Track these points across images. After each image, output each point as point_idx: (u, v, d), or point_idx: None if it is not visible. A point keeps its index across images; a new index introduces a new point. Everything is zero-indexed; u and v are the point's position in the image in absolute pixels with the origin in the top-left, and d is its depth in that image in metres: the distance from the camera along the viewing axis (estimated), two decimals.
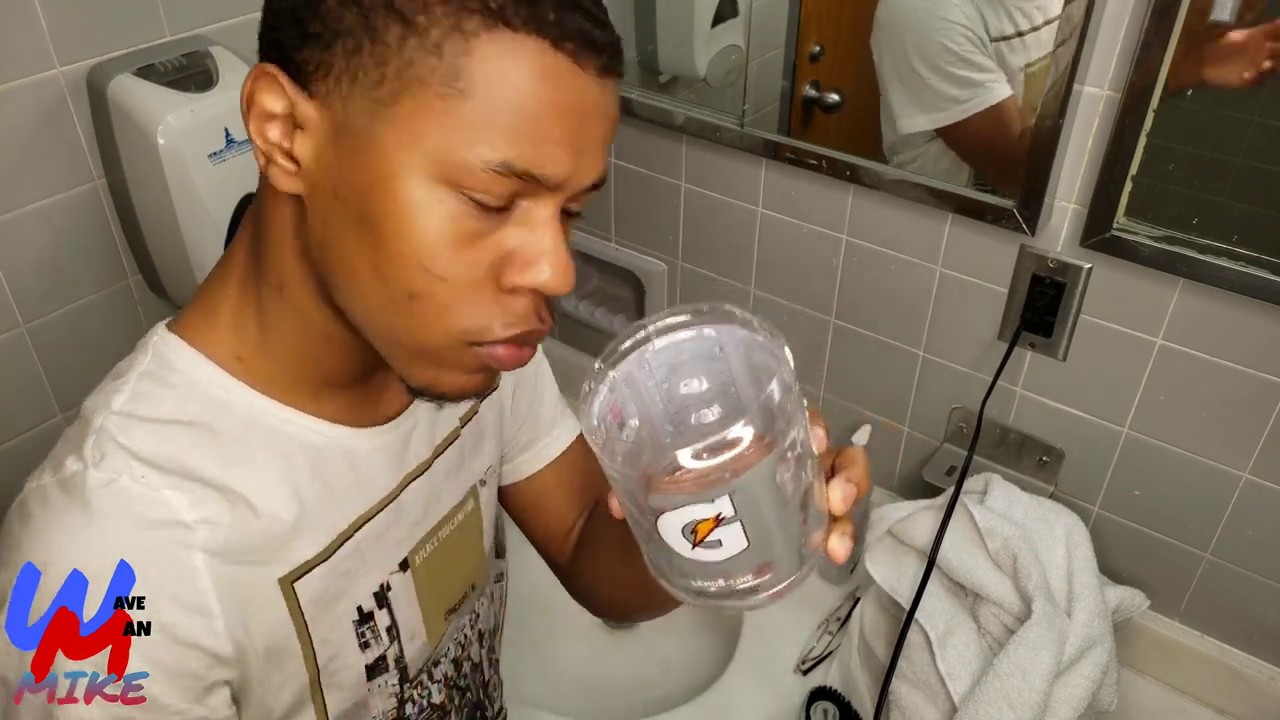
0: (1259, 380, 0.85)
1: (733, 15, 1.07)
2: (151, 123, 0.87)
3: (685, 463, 0.36)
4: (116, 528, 0.49)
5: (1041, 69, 0.91)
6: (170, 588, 0.50)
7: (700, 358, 0.41)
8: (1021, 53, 0.92)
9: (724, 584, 0.40)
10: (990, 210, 0.90)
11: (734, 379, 0.41)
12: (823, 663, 1.06)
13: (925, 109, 0.96)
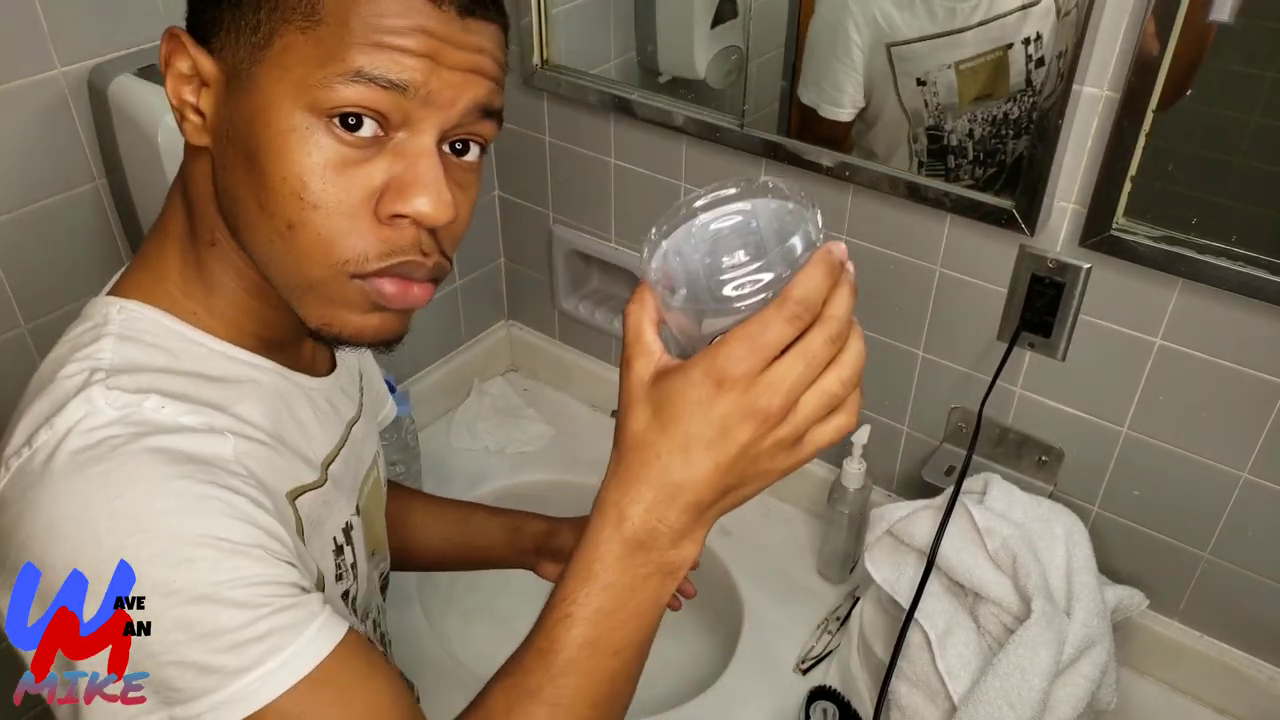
0: (1258, 380, 0.85)
1: (732, 16, 1.07)
2: (152, 123, 0.87)
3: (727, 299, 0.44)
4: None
5: (980, 65, 0.94)
6: (236, 487, 0.50)
7: (737, 230, 0.47)
8: (947, 51, 0.95)
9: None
10: (990, 210, 0.90)
11: (765, 246, 0.47)
12: (822, 662, 1.06)
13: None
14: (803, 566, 1.18)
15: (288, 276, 0.52)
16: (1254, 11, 0.74)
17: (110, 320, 0.54)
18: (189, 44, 0.50)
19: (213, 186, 0.53)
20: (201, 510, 0.47)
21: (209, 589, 0.46)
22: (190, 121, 0.52)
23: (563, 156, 1.23)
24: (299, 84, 0.48)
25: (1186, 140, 0.81)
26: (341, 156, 0.49)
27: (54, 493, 0.47)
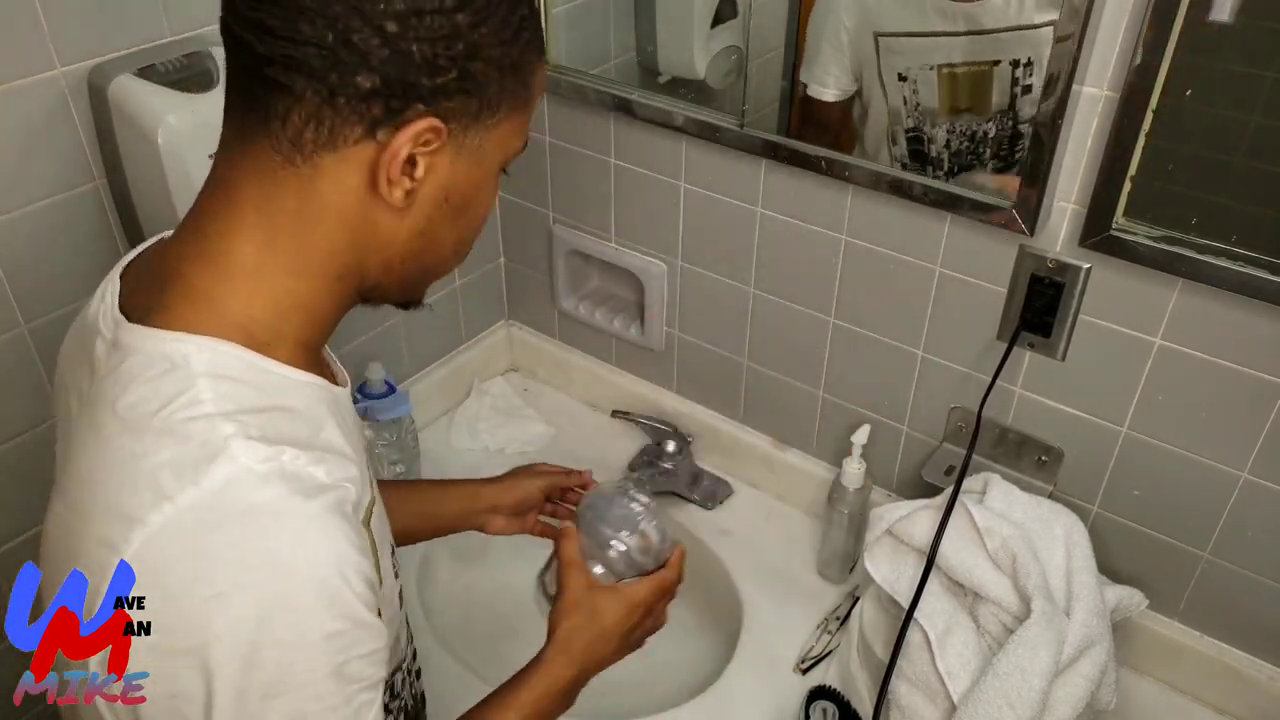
0: (1258, 380, 0.85)
1: (732, 16, 1.07)
2: (152, 123, 0.87)
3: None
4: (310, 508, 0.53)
5: (963, 74, 0.94)
6: (364, 549, 0.55)
7: (629, 522, 0.85)
8: (934, 52, 0.95)
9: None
10: (989, 210, 0.91)
11: (647, 535, 0.85)
12: (822, 662, 1.06)
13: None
14: (802, 566, 1.18)
15: (432, 278, 0.67)
16: (1254, 11, 0.74)
17: (190, 359, 0.54)
18: (443, 133, 0.56)
19: (360, 231, 0.58)
20: (350, 577, 0.52)
21: (343, 661, 0.52)
22: (399, 186, 0.56)
23: (563, 156, 1.23)
24: (507, 153, 0.62)
25: (1186, 140, 0.81)
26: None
27: (221, 560, 0.50)
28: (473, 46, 0.55)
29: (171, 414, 0.52)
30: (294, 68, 0.52)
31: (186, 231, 0.59)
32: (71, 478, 0.55)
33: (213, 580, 0.49)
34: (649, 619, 0.84)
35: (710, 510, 1.25)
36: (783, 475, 1.26)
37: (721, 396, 1.28)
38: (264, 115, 0.54)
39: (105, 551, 0.50)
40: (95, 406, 0.55)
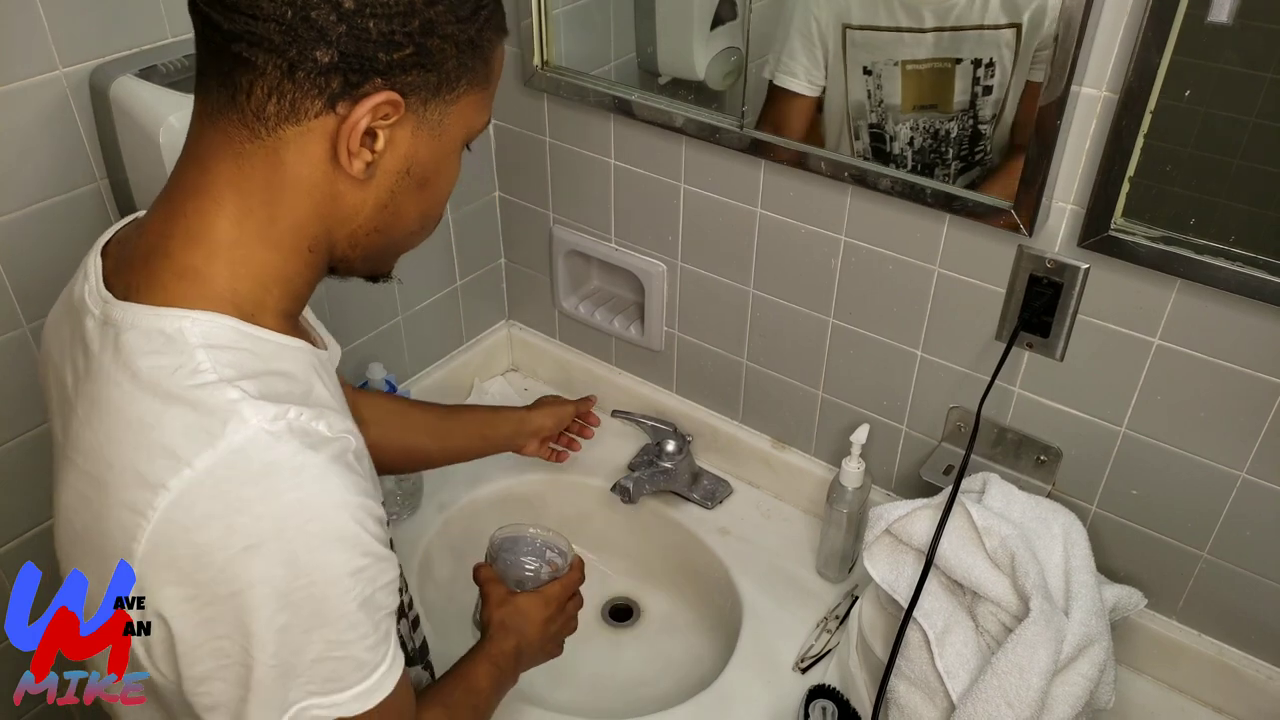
0: (1256, 380, 0.86)
1: (732, 18, 1.07)
2: (154, 123, 0.87)
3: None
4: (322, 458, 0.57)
5: (926, 71, 0.95)
6: (369, 491, 0.59)
7: (527, 546, 0.98)
8: (898, 48, 0.95)
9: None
10: (988, 210, 0.91)
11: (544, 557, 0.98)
12: (821, 661, 1.06)
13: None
14: (802, 565, 1.18)
15: (403, 251, 0.69)
16: (1252, 13, 0.74)
17: (185, 331, 0.57)
18: (400, 106, 0.58)
19: (326, 203, 0.60)
20: (364, 519, 0.57)
21: (370, 593, 0.58)
22: (359, 160, 0.59)
23: (563, 157, 1.23)
24: (469, 129, 0.64)
25: (1185, 141, 0.81)
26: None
27: (251, 515, 0.54)
28: (428, 23, 0.57)
29: (177, 384, 0.55)
30: (256, 43, 0.54)
31: (164, 209, 0.61)
32: (81, 453, 0.57)
33: (244, 535, 0.53)
34: (562, 615, 0.94)
35: (710, 510, 1.25)
36: (782, 475, 1.26)
37: (721, 396, 1.28)
38: (231, 91, 0.57)
39: (133, 516, 0.54)
40: (96, 382, 0.57)
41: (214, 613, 0.54)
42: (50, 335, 0.67)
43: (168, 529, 0.53)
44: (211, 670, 0.56)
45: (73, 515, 0.58)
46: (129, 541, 0.54)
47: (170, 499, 0.53)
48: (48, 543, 1.01)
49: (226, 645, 0.55)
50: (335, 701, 0.58)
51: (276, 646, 0.55)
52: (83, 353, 0.60)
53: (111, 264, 0.62)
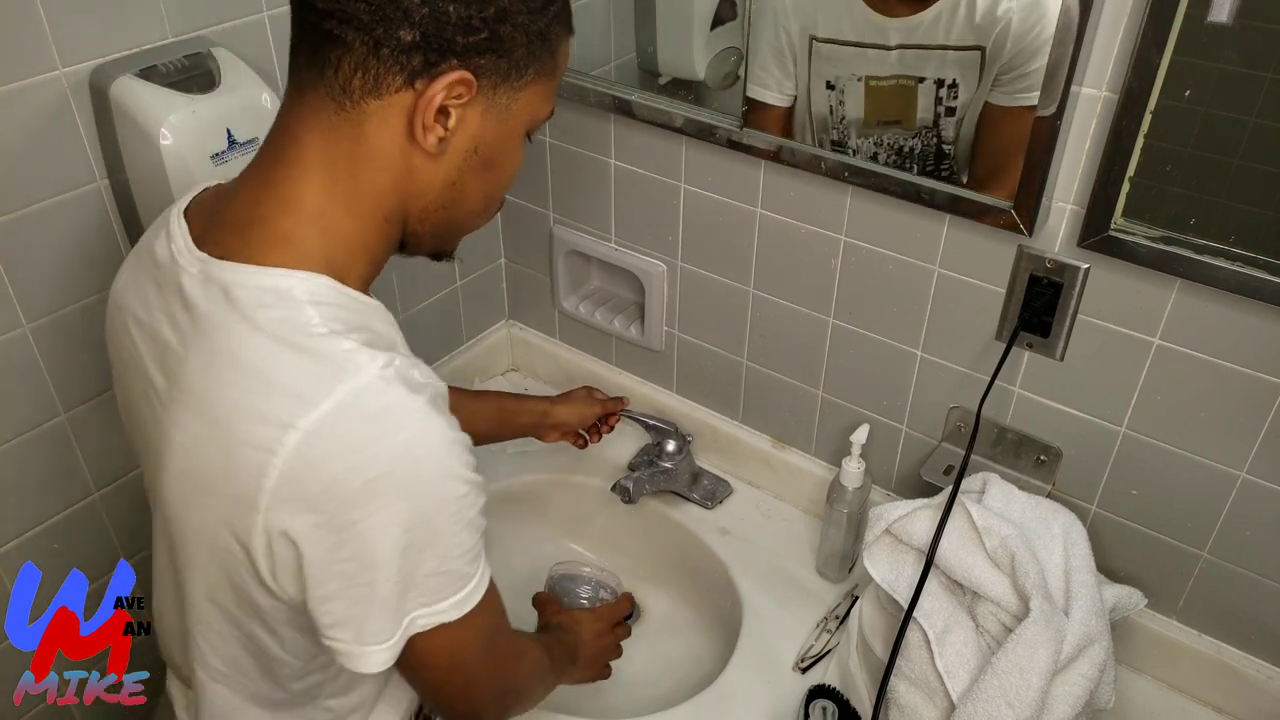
0: (1256, 380, 0.86)
1: (732, 18, 1.07)
2: (154, 124, 0.87)
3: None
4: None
5: (889, 88, 0.96)
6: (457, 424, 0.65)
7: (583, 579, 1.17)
8: (861, 63, 0.96)
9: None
10: (988, 211, 0.91)
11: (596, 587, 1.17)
12: (821, 661, 1.06)
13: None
14: (802, 565, 1.18)
15: (467, 231, 0.75)
16: (1252, 13, 0.74)
17: (294, 289, 0.62)
18: (473, 86, 0.64)
19: (403, 177, 0.66)
20: (462, 453, 0.64)
21: (471, 515, 0.65)
22: (432, 135, 0.64)
23: (563, 157, 1.23)
24: (532, 117, 0.69)
25: (1185, 141, 0.81)
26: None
27: (372, 450, 0.60)
28: (502, 11, 0.63)
29: (295, 335, 0.61)
30: (346, 21, 0.60)
31: (255, 177, 0.67)
32: (197, 398, 0.62)
33: (367, 469, 0.59)
34: (611, 634, 1.04)
35: (710, 510, 1.25)
36: (782, 475, 1.26)
37: (721, 396, 1.28)
38: (320, 66, 0.62)
39: (261, 454, 0.59)
40: (211, 333, 0.62)
41: (340, 539, 0.60)
42: (129, 294, 0.71)
43: (297, 465, 0.59)
44: (335, 590, 0.62)
45: (193, 456, 0.63)
46: (258, 477, 0.59)
47: (298, 437, 0.58)
48: (48, 543, 1.02)
49: (350, 568, 0.61)
50: (437, 610, 0.65)
51: (397, 566, 0.61)
52: (182, 306, 0.65)
53: (198, 227, 0.67)
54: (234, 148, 0.92)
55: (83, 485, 1.03)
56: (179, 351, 0.65)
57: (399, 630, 0.64)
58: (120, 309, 0.72)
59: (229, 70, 0.93)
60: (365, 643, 0.64)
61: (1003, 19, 0.87)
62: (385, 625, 0.64)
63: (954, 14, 0.90)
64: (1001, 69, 0.90)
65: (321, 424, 0.59)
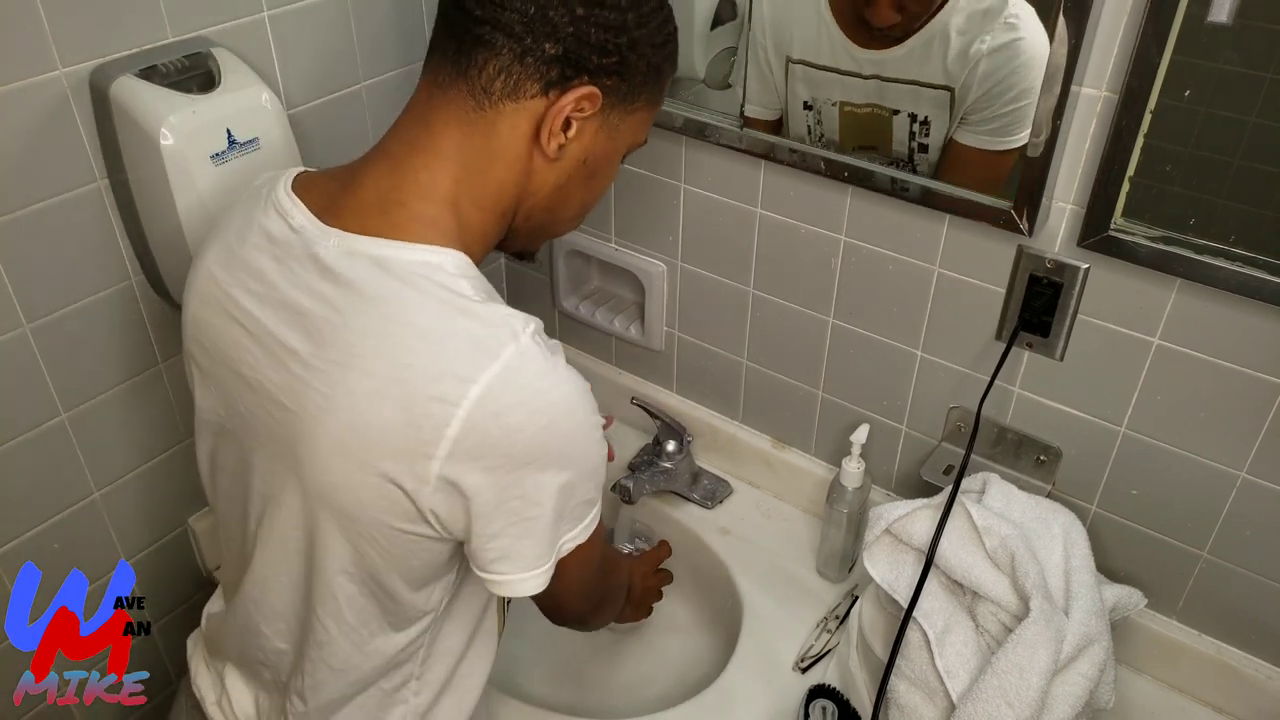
0: (1256, 380, 0.86)
1: (731, 18, 1.07)
2: (154, 124, 0.87)
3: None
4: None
5: (864, 116, 0.96)
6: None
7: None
8: (837, 89, 0.97)
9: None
10: (988, 211, 0.91)
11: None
12: (821, 661, 1.06)
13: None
14: (802, 565, 1.18)
15: (556, 234, 0.83)
16: (1252, 13, 0.74)
17: (444, 264, 0.68)
18: (598, 102, 0.71)
19: (523, 178, 0.73)
20: (592, 397, 0.71)
21: (604, 451, 0.73)
22: (555, 141, 0.71)
23: None
24: (633, 135, 0.78)
25: (1185, 141, 0.81)
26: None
27: (545, 400, 0.66)
28: (634, 41, 0.71)
29: (458, 301, 0.67)
30: (499, 28, 0.67)
31: (384, 162, 0.72)
32: (366, 360, 0.66)
33: (540, 416, 0.66)
34: (652, 579, 1.15)
35: (710, 509, 1.25)
36: (782, 475, 1.26)
37: (721, 396, 1.28)
38: (464, 66, 0.69)
39: (444, 407, 0.64)
40: (377, 302, 0.66)
41: (514, 479, 0.66)
42: (231, 271, 0.74)
43: (480, 414, 0.64)
44: (502, 527, 0.68)
45: (361, 412, 0.66)
46: (441, 427, 0.64)
47: (480, 390, 0.64)
48: (48, 543, 1.02)
49: (517, 505, 0.67)
50: (575, 534, 0.73)
51: (559, 499, 0.69)
52: (321, 276, 0.69)
53: (318, 206, 0.72)
54: (234, 147, 0.92)
55: (83, 485, 1.03)
56: (331, 317, 0.68)
57: (553, 555, 0.72)
58: (218, 285, 0.75)
59: (229, 70, 0.93)
60: (526, 569, 0.71)
61: (973, 59, 0.88)
62: (543, 552, 0.71)
63: (927, 51, 0.90)
64: (969, 109, 0.91)
65: (498, 378, 0.64)
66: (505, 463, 0.66)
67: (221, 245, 0.76)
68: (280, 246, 0.72)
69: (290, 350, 0.70)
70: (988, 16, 0.86)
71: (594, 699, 1.16)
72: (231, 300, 0.74)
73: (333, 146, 1.11)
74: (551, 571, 0.72)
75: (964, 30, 0.87)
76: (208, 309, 0.76)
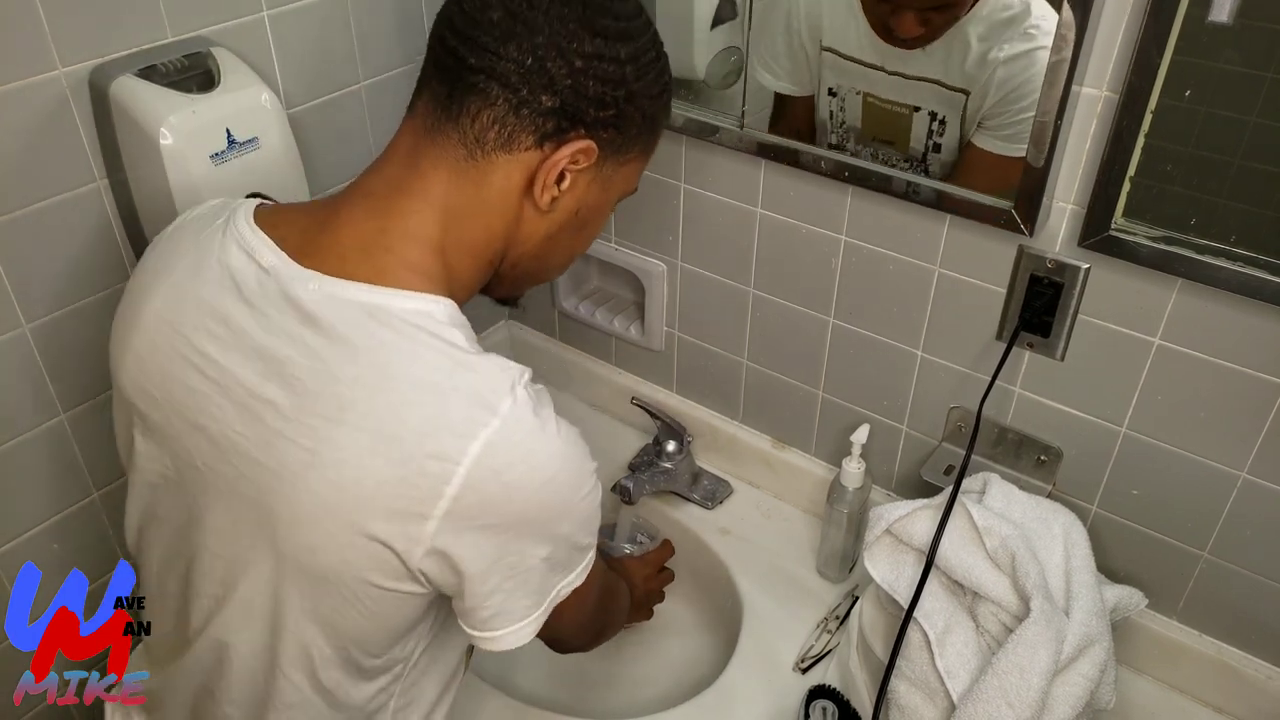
0: (1257, 380, 0.85)
1: (732, 17, 1.07)
2: (153, 123, 0.87)
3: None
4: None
5: (886, 110, 0.98)
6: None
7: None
8: (862, 80, 0.98)
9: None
10: (989, 211, 0.91)
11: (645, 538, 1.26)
12: (822, 661, 1.06)
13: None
14: (802, 565, 1.18)
15: (542, 281, 0.82)
16: (1252, 12, 0.74)
17: (434, 313, 0.66)
18: (594, 155, 0.69)
19: (513, 226, 0.71)
20: (585, 443, 0.69)
21: (598, 497, 0.70)
22: (548, 194, 0.70)
23: None
24: (626, 188, 0.76)
25: (1185, 140, 0.81)
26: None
27: (543, 454, 0.65)
28: (632, 94, 0.69)
29: (453, 353, 0.65)
30: (495, 77, 0.65)
31: (367, 203, 0.69)
32: (358, 413, 0.63)
33: (539, 473, 0.64)
34: (657, 579, 1.17)
35: (710, 510, 1.25)
36: (782, 475, 1.26)
37: (721, 396, 1.28)
38: (456, 112, 0.67)
39: (443, 465, 0.62)
40: (371, 352, 0.64)
41: (510, 536, 0.65)
42: (184, 309, 0.70)
43: (480, 472, 0.62)
44: (498, 584, 0.66)
45: (350, 468, 0.63)
46: (440, 485, 0.62)
47: (480, 447, 0.62)
48: (48, 543, 1.02)
49: (514, 560, 0.66)
50: (570, 579, 0.72)
51: (555, 552, 0.68)
52: (304, 323, 0.65)
53: (290, 244, 0.68)
54: (233, 147, 0.92)
55: (83, 485, 1.03)
56: (314, 366, 0.64)
57: (544, 605, 0.70)
58: (172, 327, 0.70)
59: (229, 70, 0.93)
60: (517, 621, 0.70)
61: (990, 65, 0.89)
62: (535, 603, 0.70)
63: (948, 53, 0.92)
64: (986, 114, 0.91)
65: (497, 434, 0.63)
66: (502, 521, 0.64)
67: (169, 284, 0.71)
68: (249, 287, 0.67)
69: (266, 402, 0.66)
70: (1009, 25, 0.87)
71: (594, 699, 1.16)
72: (189, 345, 0.69)
73: (332, 146, 1.11)
74: (543, 620, 0.71)
75: (984, 38, 0.88)
76: (158, 355, 0.71)
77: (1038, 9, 0.85)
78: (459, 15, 0.67)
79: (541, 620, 0.71)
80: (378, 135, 1.17)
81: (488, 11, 0.65)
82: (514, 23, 0.65)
